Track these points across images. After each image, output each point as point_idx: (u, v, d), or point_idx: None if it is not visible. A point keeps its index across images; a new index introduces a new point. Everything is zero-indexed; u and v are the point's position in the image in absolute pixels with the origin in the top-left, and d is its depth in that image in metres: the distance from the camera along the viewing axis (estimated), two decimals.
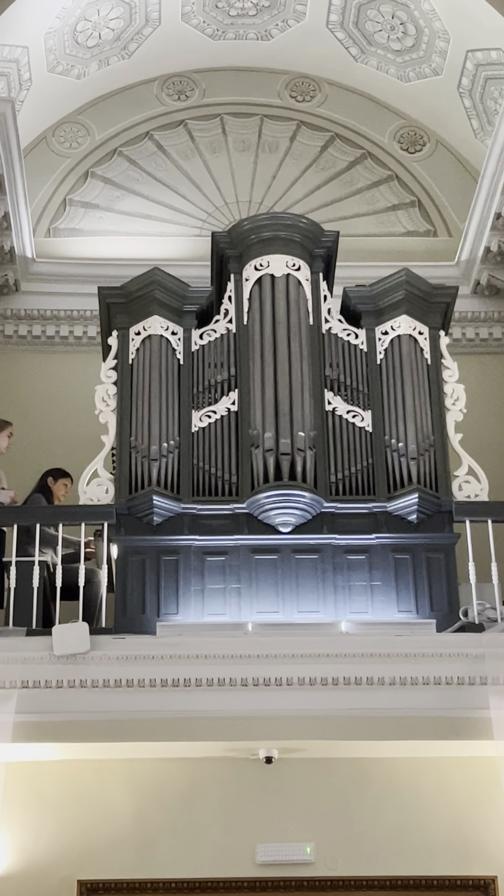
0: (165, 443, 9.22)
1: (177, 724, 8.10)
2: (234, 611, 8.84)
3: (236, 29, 12.75)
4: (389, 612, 8.86)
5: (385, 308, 9.80)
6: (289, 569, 8.96)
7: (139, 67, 12.90)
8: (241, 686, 8.16)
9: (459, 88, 12.34)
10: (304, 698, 8.15)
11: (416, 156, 13.10)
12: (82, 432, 10.36)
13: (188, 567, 8.96)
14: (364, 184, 12.95)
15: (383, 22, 12.29)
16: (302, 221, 9.90)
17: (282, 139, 13.06)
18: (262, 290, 9.73)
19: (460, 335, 12.00)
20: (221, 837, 8.35)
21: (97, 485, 9.19)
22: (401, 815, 8.43)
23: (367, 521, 9.16)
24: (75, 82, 12.65)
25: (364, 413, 9.49)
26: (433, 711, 8.12)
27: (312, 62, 13.04)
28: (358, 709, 8.12)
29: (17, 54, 11.60)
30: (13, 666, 8.09)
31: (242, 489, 9.13)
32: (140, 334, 9.65)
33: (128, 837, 8.34)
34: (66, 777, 8.44)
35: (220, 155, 12.94)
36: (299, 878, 8.28)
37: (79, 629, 8.20)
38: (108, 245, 12.43)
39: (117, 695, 8.12)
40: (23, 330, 11.96)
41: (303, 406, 9.32)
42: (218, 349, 9.70)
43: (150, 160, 12.91)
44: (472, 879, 8.28)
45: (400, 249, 12.50)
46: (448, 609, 8.87)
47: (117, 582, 8.95)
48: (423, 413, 9.46)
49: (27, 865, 8.22)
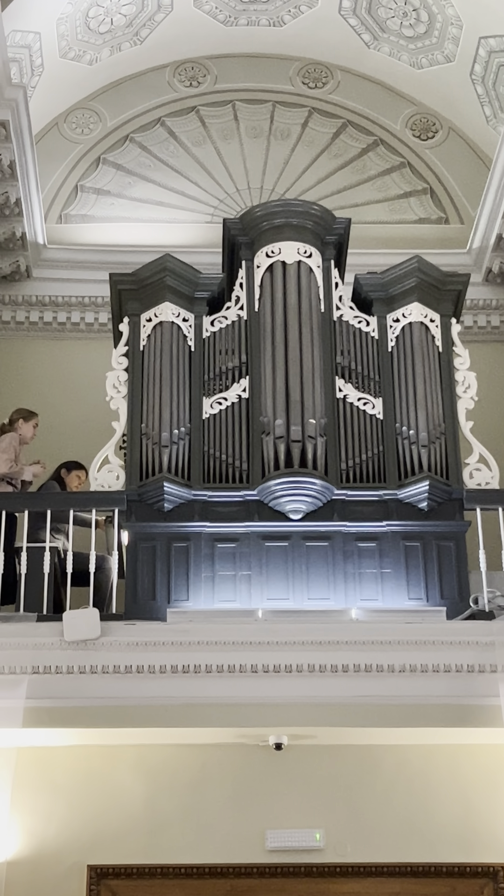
0: (176, 429, 9.22)
1: (187, 710, 8.10)
2: (244, 598, 8.84)
3: (248, 15, 12.72)
4: (400, 600, 8.85)
5: (396, 295, 9.78)
6: (299, 556, 8.96)
7: (151, 53, 12.87)
8: (251, 673, 8.16)
9: (472, 75, 12.30)
10: (313, 685, 8.15)
11: (428, 143, 13.06)
12: (93, 419, 10.36)
13: (199, 554, 8.97)
14: (376, 171, 12.93)
15: (396, 8, 12.25)
16: (314, 208, 9.88)
17: (294, 126, 13.03)
18: (273, 277, 9.72)
19: (472, 323, 11.98)
20: (231, 823, 8.37)
21: (108, 471, 9.19)
22: (410, 802, 8.44)
23: (377, 508, 9.15)
24: (87, 68, 12.64)
25: (375, 400, 9.48)
26: (443, 699, 8.12)
27: (325, 49, 13.01)
28: (368, 696, 8.12)
29: (29, 40, 11.59)
30: (24, 651, 8.11)
31: (253, 476, 9.13)
32: (151, 321, 9.64)
33: (138, 823, 8.36)
34: (77, 763, 8.45)
35: (231, 141, 12.92)
36: (308, 865, 8.29)
37: (89, 615, 8.21)
38: (120, 231, 12.42)
39: (128, 681, 8.13)
40: (34, 316, 11.96)
41: (314, 393, 9.31)
42: (229, 336, 9.69)
43: (162, 146, 12.89)
44: (481, 867, 8.29)
45: (412, 237, 12.48)
46: (458, 597, 8.86)
47: (128, 568, 8.96)
48: (434, 401, 9.44)
49: (38, 850, 8.24)
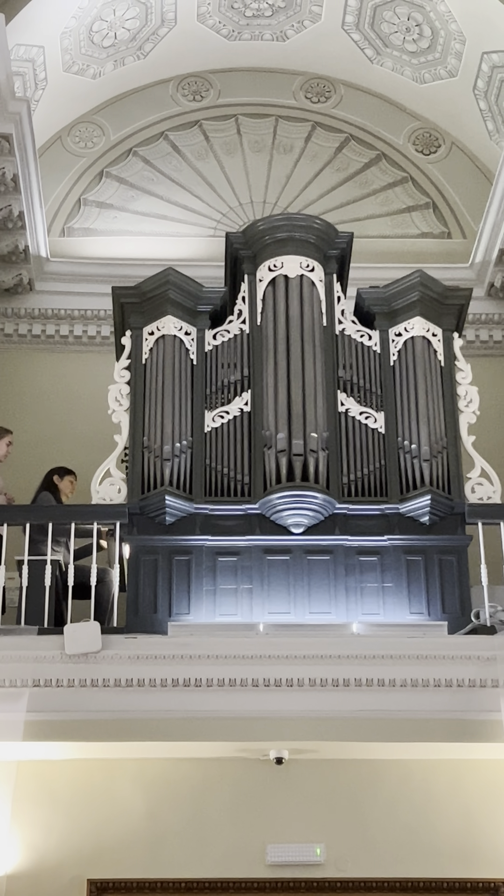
0: (178, 443, 9.22)
1: (188, 724, 8.10)
2: (245, 611, 8.84)
3: (252, 29, 12.76)
4: (401, 614, 8.85)
5: (399, 310, 9.79)
6: (301, 570, 8.95)
7: (155, 67, 12.91)
8: (252, 686, 8.16)
9: (475, 90, 12.33)
10: (315, 699, 8.15)
11: (430, 157, 13.09)
12: (95, 431, 10.36)
13: (200, 567, 8.96)
14: (379, 185, 12.95)
15: (399, 23, 12.29)
16: (316, 222, 9.90)
17: (297, 140, 13.06)
18: (275, 291, 9.73)
19: (474, 337, 11.99)
20: (231, 838, 8.35)
21: (110, 484, 9.19)
22: (411, 817, 8.42)
23: (379, 522, 9.15)
24: (91, 82, 12.67)
25: (377, 414, 9.48)
26: (444, 714, 8.11)
27: (328, 63, 13.05)
28: (369, 710, 8.11)
29: (32, 54, 11.62)
30: (25, 665, 8.10)
31: (255, 490, 9.13)
32: (154, 334, 9.66)
33: (138, 837, 8.34)
34: (77, 776, 8.44)
35: (234, 155, 12.95)
36: (309, 879, 8.28)
37: (90, 628, 8.21)
38: (123, 245, 12.44)
39: (129, 694, 8.13)
40: (37, 329, 11.98)
41: (316, 407, 9.31)
42: (231, 349, 9.70)
43: (165, 160, 12.92)
44: (483, 882, 8.26)
45: (414, 251, 12.50)
46: (460, 611, 8.85)
47: (129, 581, 8.96)
48: (436, 415, 9.44)
49: (38, 864, 8.22)
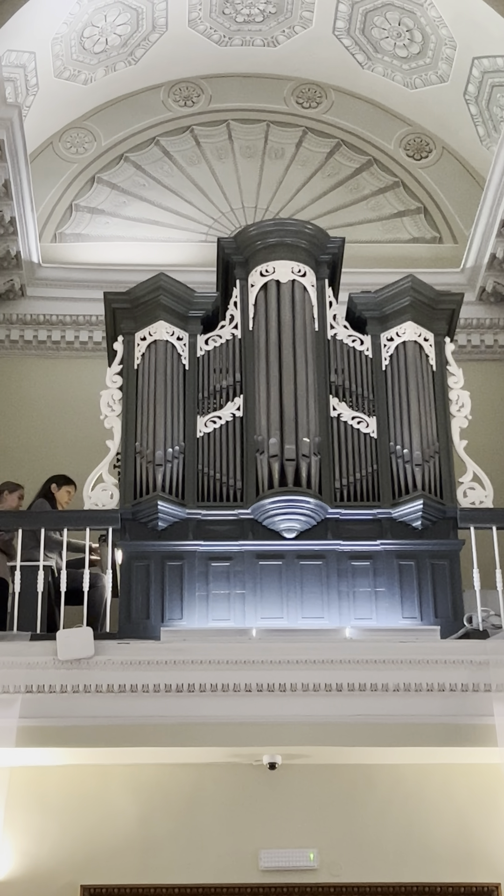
0: (170, 448, 9.22)
1: (181, 729, 8.09)
2: (238, 616, 8.83)
3: (243, 35, 12.78)
4: (394, 619, 8.84)
5: (390, 314, 9.80)
6: (293, 574, 8.95)
7: (146, 73, 12.92)
8: (245, 692, 8.15)
9: (466, 95, 12.35)
10: (307, 704, 8.15)
11: (421, 162, 13.11)
12: (87, 437, 10.37)
13: (193, 572, 8.95)
14: (370, 190, 12.97)
15: (390, 29, 12.31)
16: (308, 227, 9.91)
17: (288, 145, 13.08)
18: (267, 296, 9.73)
19: (465, 342, 12.01)
20: (225, 843, 8.34)
21: (102, 490, 9.18)
22: (404, 821, 8.42)
23: (371, 527, 9.15)
24: (82, 88, 12.68)
25: (369, 419, 9.49)
26: (437, 718, 8.11)
27: (319, 69, 13.07)
28: (362, 715, 8.12)
29: (24, 59, 11.62)
30: (17, 670, 8.10)
31: (247, 495, 9.13)
32: (145, 339, 9.65)
33: (131, 843, 8.33)
34: (70, 782, 8.42)
35: (226, 161, 12.97)
36: (302, 885, 8.26)
37: (83, 634, 8.20)
38: (114, 250, 12.44)
39: (121, 700, 8.12)
40: (28, 335, 11.97)
41: (308, 412, 9.31)
42: (223, 355, 9.70)
43: (157, 166, 12.93)
44: (476, 886, 8.26)
45: (405, 256, 12.52)
46: (452, 616, 8.85)
47: (122, 587, 8.95)
48: (428, 419, 9.45)
49: (30, 870, 8.20)
